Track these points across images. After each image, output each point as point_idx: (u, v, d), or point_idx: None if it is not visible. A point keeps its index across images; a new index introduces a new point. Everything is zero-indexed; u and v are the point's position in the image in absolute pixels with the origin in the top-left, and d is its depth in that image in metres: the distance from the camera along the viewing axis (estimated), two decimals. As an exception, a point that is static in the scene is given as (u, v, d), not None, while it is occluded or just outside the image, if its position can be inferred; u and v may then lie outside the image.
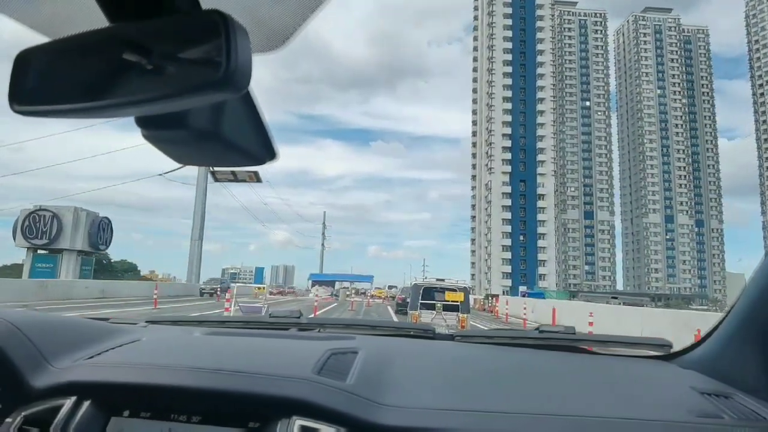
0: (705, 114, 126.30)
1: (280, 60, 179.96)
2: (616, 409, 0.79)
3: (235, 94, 0.43)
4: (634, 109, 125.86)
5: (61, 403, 0.76)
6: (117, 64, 0.44)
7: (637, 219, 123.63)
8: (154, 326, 1.31)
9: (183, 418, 0.73)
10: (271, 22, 0.54)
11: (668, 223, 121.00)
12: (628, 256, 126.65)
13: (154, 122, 0.51)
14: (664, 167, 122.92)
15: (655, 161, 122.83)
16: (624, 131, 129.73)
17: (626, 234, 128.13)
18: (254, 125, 0.56)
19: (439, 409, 0.75)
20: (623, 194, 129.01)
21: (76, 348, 0.91)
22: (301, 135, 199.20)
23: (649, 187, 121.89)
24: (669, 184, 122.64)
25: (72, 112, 0.46)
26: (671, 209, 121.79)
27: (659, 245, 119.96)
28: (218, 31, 0.41)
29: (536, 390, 0.87)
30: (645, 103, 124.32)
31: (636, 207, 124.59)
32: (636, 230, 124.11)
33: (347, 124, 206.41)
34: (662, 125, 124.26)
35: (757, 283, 0.91)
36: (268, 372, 0.78)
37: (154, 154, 0.50)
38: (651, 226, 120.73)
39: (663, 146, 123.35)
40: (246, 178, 32.67)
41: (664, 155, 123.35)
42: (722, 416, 0.76)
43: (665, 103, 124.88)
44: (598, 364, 1.10)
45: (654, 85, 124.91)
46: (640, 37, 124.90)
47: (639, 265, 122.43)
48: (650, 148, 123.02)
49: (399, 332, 1.32)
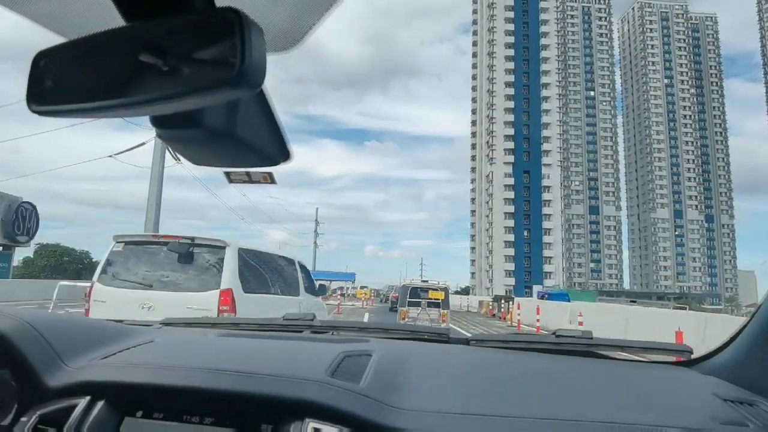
0: (714, 105, 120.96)
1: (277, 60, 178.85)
2: (635, 415, 0.77)
3: (250, 92, 0.43)
4: (641, 99, 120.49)
5: (76, 402, 0.76)
6: (133, 64, 0.44)
7: (644, 214, 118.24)
8: (168, 328, 1.32)
9: (196, 419, 0.73)
10: (285, 21, 0.54)
11: (677, 219, 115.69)
12: (634, 254, 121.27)
13: (169, 121, 0.51)
14: (672, 160, 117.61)
15: (663, 154, 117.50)
16: (630, 123, 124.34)
17: (632, 230, 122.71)
18: (269, 125, 0.56)
19: (454, 414, 0.74)
20: (629, 188, 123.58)
21: (91, 348, 0.92)
22: (298, 134, 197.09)
23: (656, 181, 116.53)
24: (677, 178, 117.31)
25: (89, 111, 0.47)
26: (680, 204, 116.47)
27: (668, 242, 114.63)
28: (233, 28, 0.41)
29: (552, 395, 0.86)
30: (652, 93, 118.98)
31: (643, 202, 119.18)
32: (643, 226, 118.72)
33: (344, 124, 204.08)
34: (670, 116, 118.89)
35: None
36: (282, 374, 0.78)
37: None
38: (659, 222, 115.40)
39: (671, 138, 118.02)
40: (260, 179, 27.37)
41: (672, 147, 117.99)
42: (747, 424, 0.74)
43: (673, 93, 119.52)
44: (616, 369, 1.08)
45: (661, 75, 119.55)
46: (646, 24, 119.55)
47: (647, 263, 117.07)
48: (657, 140, 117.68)
49: (413, 336, 1.32)
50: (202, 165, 0.60)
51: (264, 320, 1.43)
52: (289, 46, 0.57)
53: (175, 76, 0.43)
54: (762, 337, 0.92)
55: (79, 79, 0.48)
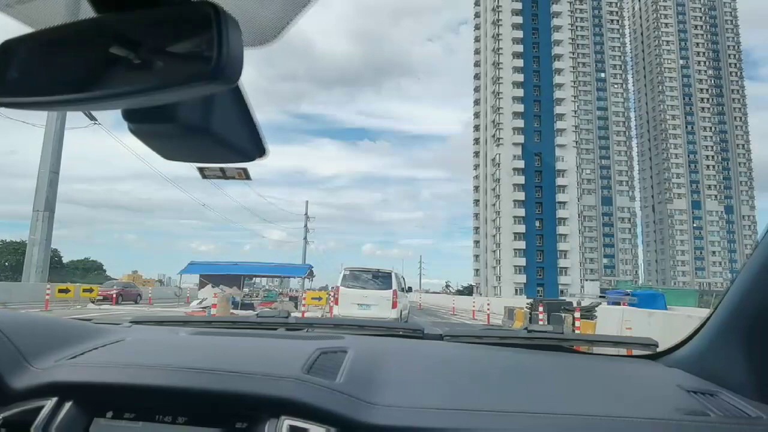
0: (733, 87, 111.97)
1: (278, 59, 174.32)
2: (603, 407, 0.79)
3: (226, 87, 0.42)
4: (655, 81, 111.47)
5: (42, 404, 0.74)
6: (104, 56, 0.43)
7: (660, 205, 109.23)
8: (138, 326, 1.30)
9: (168, 419, 0.72)
10: (262, 15, 0.53)
11: (695, 210, 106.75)
12: (650, 248, 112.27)
13: (142, 116, 0.50)
14: (689, 147, 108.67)
15: (679, 140, 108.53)
16: (643, 107, 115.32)
17: (647, 222, 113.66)
18: (244, 121, 0.55)
19: (429, 408, 0.75)
20: (643, 177, 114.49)
21: (58, 348, 0.89)
22: (296, 134, 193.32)
23: (672, 169, 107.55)
24: (695, 166, 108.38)
25: (57, 104, 0.45)
26: (698, 194, 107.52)
27: (685, 234, 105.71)
28: (209, 22, 0.40)
29: (524, 389, 0.88)
30: (666, 75, 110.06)
31: (658, 192, 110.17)
32: (659, 218, 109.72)
33: (341, 123, 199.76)
34: (686, 99, 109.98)
35: (741, 281, 0.90)
36: (257, 371, 0.77)
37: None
38: (676, 213, 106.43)
39: (687, 123, 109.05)
40: (235, 175, 23.55)
41: (689, 133, 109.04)
42: (708, 414, 0.76)
43: (689, 75, 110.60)
44: (585, 363, 1.11)
45: (676, 55, 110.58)
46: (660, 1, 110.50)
47: (663, 258, 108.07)
48: (673, 125, 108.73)
49: (388, 332, 1.33)
50: (174, 160, 0.58)
51: (238, 318, 1.36)
52: (266, 41, 0.55)
53: (148, 69, 0.42)
54: (722, 330, 0.94)
55: (46, 70, 0.46)
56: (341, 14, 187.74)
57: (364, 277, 11.03)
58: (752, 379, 0.84)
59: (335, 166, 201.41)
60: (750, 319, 0.88)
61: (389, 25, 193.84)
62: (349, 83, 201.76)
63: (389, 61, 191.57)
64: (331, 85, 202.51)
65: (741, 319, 0.90)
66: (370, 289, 10.80)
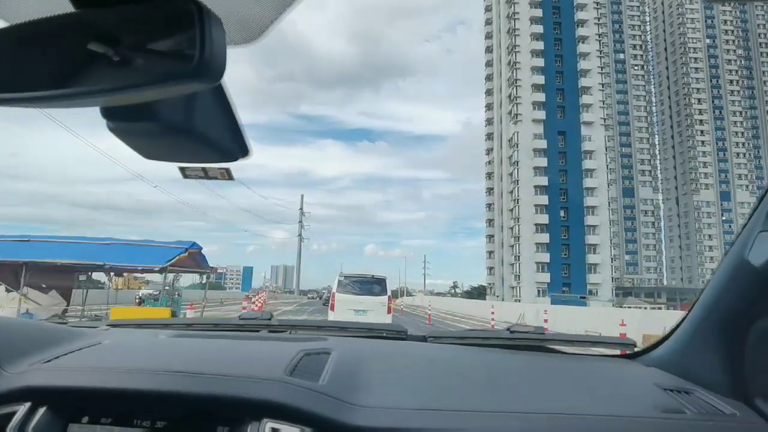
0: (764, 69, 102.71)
1: (278, 60, 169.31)
2: (583, 405, 0.81)
3: (209, 85, 0.41)
4: (678, 63, 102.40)
5: (15, 409, 0.72)
6: (83, 52, 0.41)
7: (685, 197, 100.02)
8: (115, 329, 1.28)
9: (147, 423, 0.71)
10: (246, 13, 0.52)
11: (724, 202, 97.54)
12: (673, 243, 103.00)
13: (122, 114, 0.49)
14: (717, 133, 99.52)
15: (706, 126, 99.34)
16: (665, 92, 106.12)
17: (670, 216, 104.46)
18: (227, 120, 0.54)
19: (412, 409, 0.75)
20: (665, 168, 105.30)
21: (32, 352, 0.87)
22: (298, 135, 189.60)
23: (699, 158, 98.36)
24: (724, 154, 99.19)
25: (33, 101, 0.43)
26: (727, 184, 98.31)
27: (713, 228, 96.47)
28: (191, 19, 0.39)
29: (505, 388, 0.89)
30: (691, 56, 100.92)
31: (683, 183, 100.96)
32: (684, 211, 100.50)
33: (341, 124, 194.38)
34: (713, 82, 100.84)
35: (716, 281, 0.92)
36: (238, 374, 0.76)
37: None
38: (703, 206, 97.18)
39: (715, 108, 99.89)
40: (217, 175, 18.09)
41: (716, 118, 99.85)
42: (684, 411, 0.78)
43: (716, 55, 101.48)
44: (565, 363, 1.13)
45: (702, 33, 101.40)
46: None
47: (689, 254, 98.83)
48: (699, 110, 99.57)
49: (371, 333, 1.33)
50: (155, 159, 0.57)
51: (219, 320, 1.37)
52: (251, 39, 0.55)
53: (129, 66, 0.41)
54: (697, 330, 0.97)
55: (22, 66, 0.45)
56: (341, 14, 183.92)
57: (359, 283, 11.14)
58: (727, 378, 0.86)
59: (337, 167, 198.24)
60: (724, 319, 0.89)
61: (389, 25, 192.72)
62: (349, 84, 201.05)
63: (389, 62, 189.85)
64: (331, 85, 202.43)
65: (716, 319, 0.92)
66: (366, 294, 10.92)
